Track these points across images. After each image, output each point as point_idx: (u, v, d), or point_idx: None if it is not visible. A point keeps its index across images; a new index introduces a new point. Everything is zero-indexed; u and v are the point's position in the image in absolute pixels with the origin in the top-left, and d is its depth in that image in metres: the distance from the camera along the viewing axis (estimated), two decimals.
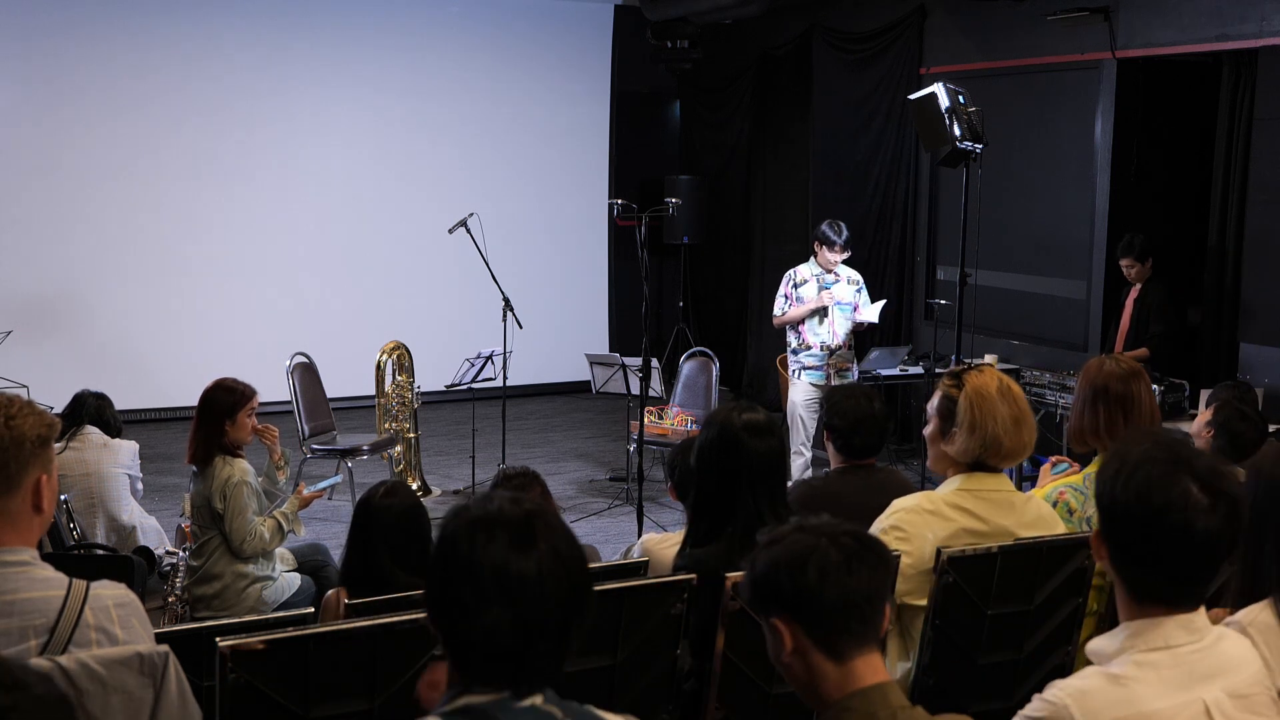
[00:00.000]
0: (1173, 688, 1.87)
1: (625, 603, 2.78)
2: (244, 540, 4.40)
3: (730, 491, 3.04)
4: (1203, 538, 1.85)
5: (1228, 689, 1.91)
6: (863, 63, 9.15)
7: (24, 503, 2.24)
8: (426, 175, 10.24)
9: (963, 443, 3.07)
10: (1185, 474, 1.86)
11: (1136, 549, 1.90)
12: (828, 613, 1.81)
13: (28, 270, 9.08)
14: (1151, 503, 1.86)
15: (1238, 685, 1.92)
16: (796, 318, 7.08)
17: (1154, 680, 1.87)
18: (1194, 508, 1.84)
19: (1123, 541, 1.92)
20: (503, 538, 1.57)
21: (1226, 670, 1.92)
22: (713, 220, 10.85)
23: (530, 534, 1.58)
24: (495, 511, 1.60)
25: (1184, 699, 1.87)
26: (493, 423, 8.10)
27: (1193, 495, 1.85)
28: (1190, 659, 1.89)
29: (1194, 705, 1.88)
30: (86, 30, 9.10)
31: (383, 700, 2.49)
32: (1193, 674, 1.89)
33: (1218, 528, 1.85)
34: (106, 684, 2.19)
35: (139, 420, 8.98)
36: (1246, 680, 1.94)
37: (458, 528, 1.60)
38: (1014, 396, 3.10)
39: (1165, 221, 7.48)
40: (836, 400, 3.84)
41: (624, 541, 6.20)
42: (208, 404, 4.47)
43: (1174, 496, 1.85)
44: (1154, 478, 1.87)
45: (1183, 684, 1.88)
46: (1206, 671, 1.90)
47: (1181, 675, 1.88)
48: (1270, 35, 6.36)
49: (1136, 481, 1.88)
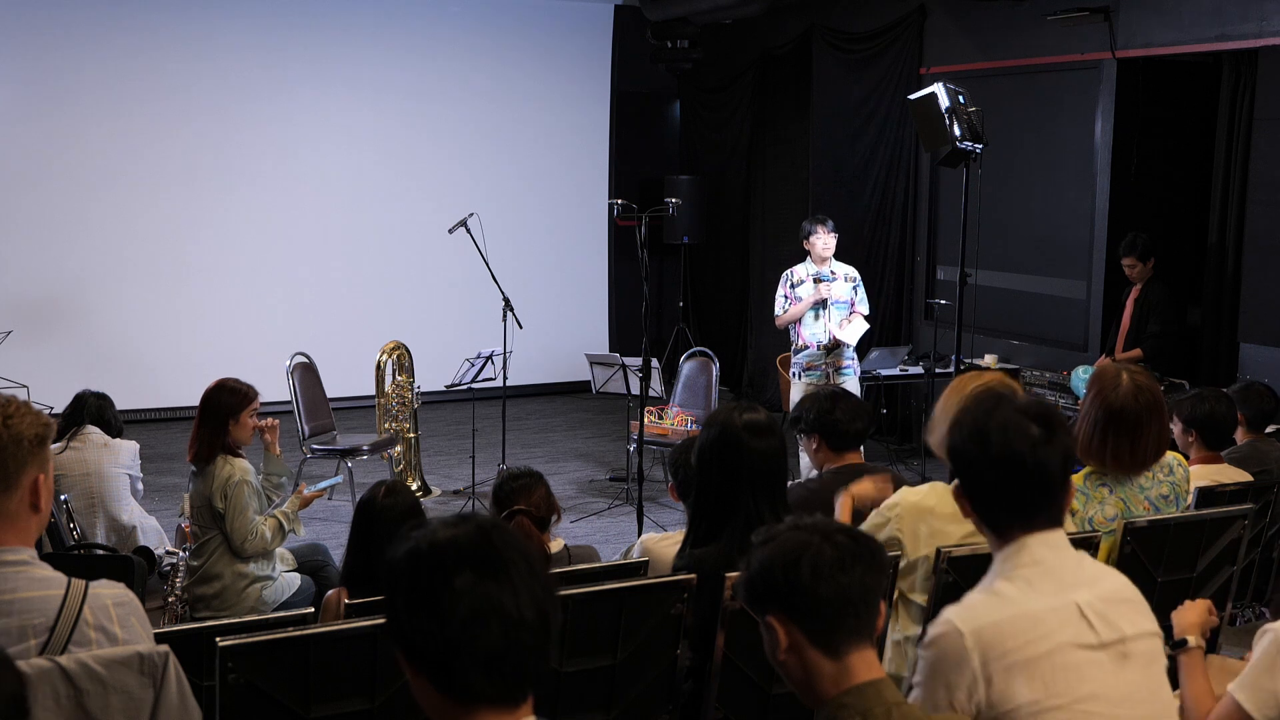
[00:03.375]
0: (1045, 594, 2.07)
1: (625, 603, 2.78)
2: (245, 540, 4.40)
3: (731, 491, 3.04)
4: (1034, 463, 2.08)
5: (1098, 595, 2.11)
6: (862, 63, 9.15)
7: (22, 502, 2.24)
8: (426, 175, 10.24)
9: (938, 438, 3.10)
10: (1007, 407, 2.12)
11: (984, 489, 2.14)
12: (822, 610, 1.81)
13: (28, 270, 9.09)
14: (985, 439, 2.10)
15: (1106, 591, 2.13)
16: (797, 314, 7.07)
17: (1026, 589, 2.08)
18: (1019, 434, 2.08)
19: (972, 485, 2.16)
20: (468, 571, 1.49)
21: (1095, 581, 2.14)
22: (713, 220, 10.86)
23: (495, 557, 1.51)
24: (448, 541, 1.53)
25: (1057, 602, 2.07)
26: (493, 423, 8.10)
27: (1016, 423, 2.09)
28: (1058, 570, 2.10)
29: (1067, 607, 2.07)
30: (86, 31, 9.10)
31: (383, 700, 2.49)
32: (1062, 581, 2.09)
33: (1046, 453, 2.08)
34: (106, 684, 2.20)
35: (139, 420, 8.98)
36: (1114, 588, 2.16)
37: (400, 560, 1.52)
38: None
39: (1165, 221, 7.48)
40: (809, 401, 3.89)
41: (624, 541, 6.20)
42: (210, 404, 4.48)
43: (999, 427, 2.09)
44: (980, 415, 2.13)
45: (1053, 590, 2.08)
46: (1074, 581, 2.11)
47: (1052, 584, 2.09)
48: (1270, 35, 6.36)
49: (967, 423, 2.15)
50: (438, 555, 1.49)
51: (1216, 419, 4.27)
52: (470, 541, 1.50)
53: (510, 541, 1.53)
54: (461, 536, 1.51)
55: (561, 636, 2.73)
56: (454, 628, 1.46)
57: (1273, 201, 6.55)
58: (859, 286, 7.19)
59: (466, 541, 1.50)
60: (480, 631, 1.46)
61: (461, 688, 1.48)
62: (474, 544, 1.50)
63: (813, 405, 3.82)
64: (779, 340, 9.97)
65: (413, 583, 1.49)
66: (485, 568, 1.48)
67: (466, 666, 1.47)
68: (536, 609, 1.49)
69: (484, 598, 1.47)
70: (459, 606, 1.46)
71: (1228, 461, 4.31)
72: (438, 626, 1.46)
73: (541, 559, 1.61)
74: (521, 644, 1.48)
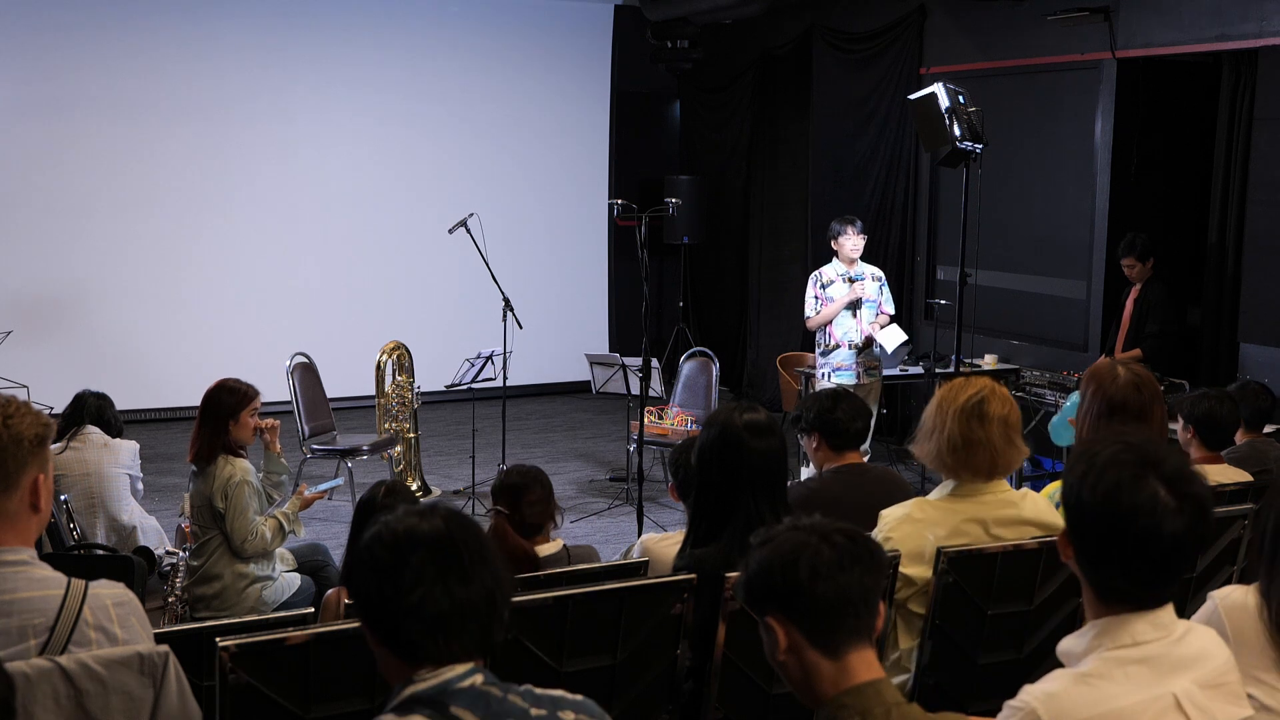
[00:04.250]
0: (1142, 684, 1.86)
1: (625, 603, 2.78)
2: (245, 540, 4.40)
3: (731, 491, 3.04)
4: (1169, 541, 1.84)
5: (1197, 680, 1.89)
6: (862, 63, 9.16)
7: (21, 502, 2.24)
8: (426, 175, 10.24)
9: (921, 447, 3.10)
10: (1152, 476, 1.85)
11: (1103, 551, 1.88)
12: (820, 610, 1.81)
13: (28, 270, 9.09)
14: (1119, 506, 1.84)
15: (1207, 676, 1.90)
16: (831, 315, 7.07)
17: (1122, 678, 1.86)
18: (1161, 511, 1.83)
19: (1089, 543, 1.90)
20: (404, 506, 1.83)
21: (1195, 662, 1.90)
22: (713, 220, 10.86)
23: (430, 508, 1.81)
24: (405, 531, 1.78)
25: (1153, 693, 1.85)
26: (493, 423, 8.10)
27: (1160, 498, 1.83)
28: (1158, 654, 1.88)
29: (1164, 699, 1.86)
30: (87, 31, 9.10)
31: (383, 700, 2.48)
32: (1161, 668, 1.87)
33: (1184, 530, 1.84)
34: (106, 684, 2.20)
35: (139, 420, 8.98)
36: (1215, 670, 1.92)
37: (365, 542, 1.78)
38: (982, 414, 3.01)
39: (1165, 221, 7.48)
40: (810, 400, 3.89)
41: (624, 541, 6.20)
42: (211, 404, 4.49)
43: (1141, 500, 1.83)
44: (1122, 481, 1.85)
45: (1151, 679, 1.86)
46: (1175, 665, 1.88)
47: (1150, 671, 1.87)
48: (1270, 35, 6.36)
49: (1104, 484, 1.86)
50: (397, 535, 1.75)
51: (1215, 419, 4.28)
52: (430, 527, 1.76)
53: (468, 531, 1.78)
54: (423, 523, 1.77)
55: (561, 636, 2.73)
56: (405, 596, 1.71)
57: (1273, 201, 6.55)
58: (884, 286, 7.24)
59: (427, 528, 1.76)
60: (427, 600, 1.71)
61: (409, 647, 1.73)
62: (433, 530, 1.76)
63: (814, 404, 3.84)
64: (779, 340, 9.98)
65: (375, 556, 1.75)
66: (439, 550, 1.74)
67: (413, 628, 1.71)
68: (484, 590, 1.74)
69: (434, 574, 1.72)
70: (409, 577, 1.72)
71: (1228, 461, 4.32)
72: (392, 593, 1.72)
73: (497, 552, 1.81)
74: (464, 614, 1.72)
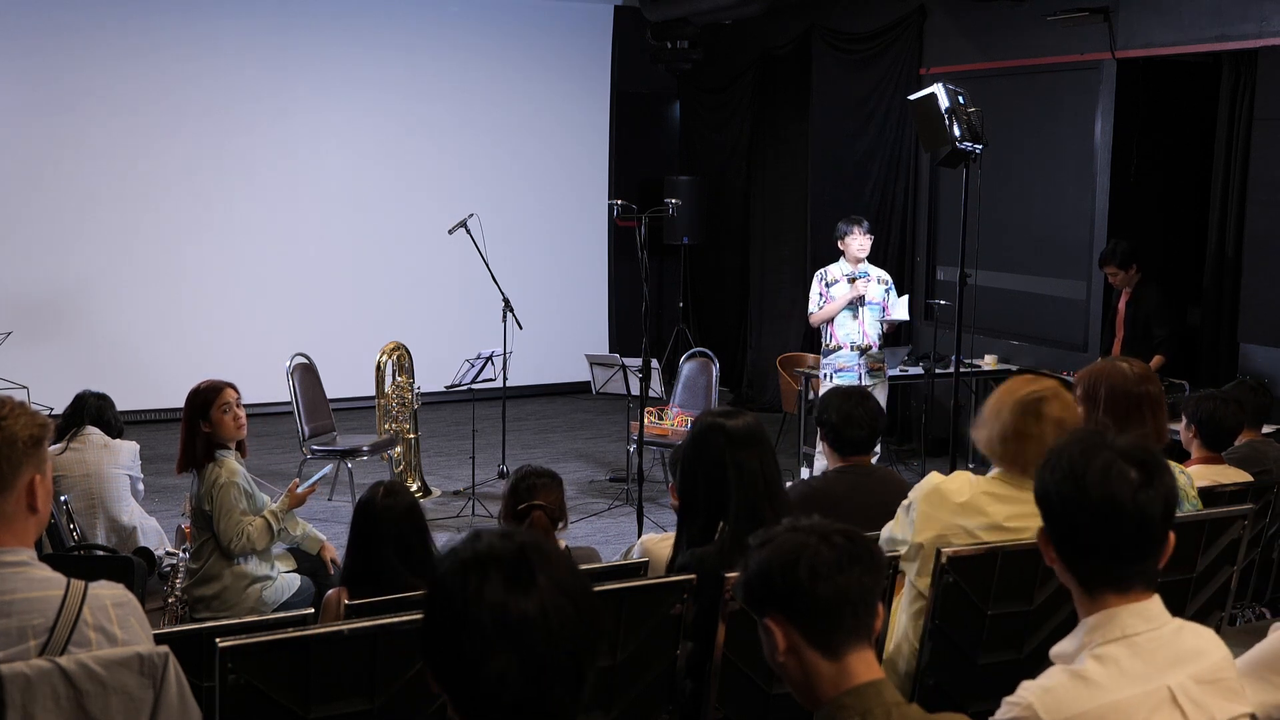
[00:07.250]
0: (1136, 677, 1.88)
1: (625, 603, 2.78)
2: (231, 540, 4.39)
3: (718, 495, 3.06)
4: (1132, 505, 1.88)
5: (1193, 675, 1.91)
6: (862, 63, 9.16)
7: (19, 503, 2.24)
8: (426, 176, 10.24)
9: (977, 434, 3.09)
10: (1106, 449, 1.92)
11: (1077, 536, 1.93)
12: (820, 610, 1.81)
13: (28, 271, 9.09)
14: (1078, 479, 1.90)
15: (1203, 671, 1.92)
16: (832, 312, 7.08)
17: (1116, 672, 1.88)
18: (1118, 476, 1.89)
19: (1063, 531, 1.95)
20: (497, 577, 1.43)
21: (1190, 658, 1.92)
22: (713, 220, 10.86)
23: (528, 569, 1.45)
24: (485, 550, 1.47)
25: (1148, 687, 1.88)
26: (493, 423, 8.10)
27: (1116, 465, 1.89)
28: (1150, 647, 1.90)
29: (1159, 693, 1.88)
30: (87, 32, 9.10)
31: (383, 700, 2.49)
32: (1154, 662, 1.89)
33: (1145, 492, 1.89)
34: (106, 684, 2.19)
35: (139, 421, 8.97)
36: (1212, 666, 1.94)
37: (448, 571, 1.47)
38: (1038, 413, 2.94)
39: (1165, 221, 7.49)
40: (828, 399, 3.93)
41: (624, 541, 6.20)
42: (185, 409, 4.50)
43: (1096, 467, 1.89)
44: (1077, 456, 1.92)
45: (1145, 673, 1.88)
46: (1168, 659, 1.90)
47: (1143, 665, 1.89)
48: (1270, 35, 6.36)
49: (1063, 464, 1.93)
50: (490, 618, 1.43)
51: (1216, 420, 4.29)
52: (525, 609, 1.44)
53: (573, 606, 1.47)
54: (521, 601, 1.44)
55: None
56: (481, 688, 1.43)
57: (1273, 201, 6.56)
58: (891, 289, 7.23)
59: (522, 610, 1.44)
60: (504, 689, 1.42)
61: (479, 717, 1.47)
62: (528, 613, 1.44)
63: (828, 406, 3.88)
64: (779, 341, 9.98)
65: (455, 636, 1.45)
66: (531, 643, 1.43)
67: (488, 713, 1.45)
68: (569, 648, 1.45)
69: (519, 667, 1.42)
70: (490, 671, 1.43)
71: (1228, 461, 4.33)
72: (469, 679, 1.44)
73: (597, 608, 1.52)
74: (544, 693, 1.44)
